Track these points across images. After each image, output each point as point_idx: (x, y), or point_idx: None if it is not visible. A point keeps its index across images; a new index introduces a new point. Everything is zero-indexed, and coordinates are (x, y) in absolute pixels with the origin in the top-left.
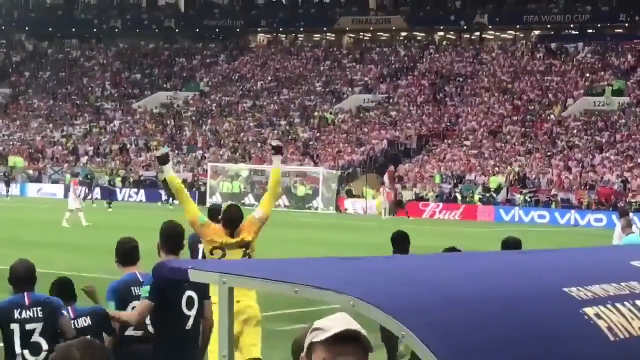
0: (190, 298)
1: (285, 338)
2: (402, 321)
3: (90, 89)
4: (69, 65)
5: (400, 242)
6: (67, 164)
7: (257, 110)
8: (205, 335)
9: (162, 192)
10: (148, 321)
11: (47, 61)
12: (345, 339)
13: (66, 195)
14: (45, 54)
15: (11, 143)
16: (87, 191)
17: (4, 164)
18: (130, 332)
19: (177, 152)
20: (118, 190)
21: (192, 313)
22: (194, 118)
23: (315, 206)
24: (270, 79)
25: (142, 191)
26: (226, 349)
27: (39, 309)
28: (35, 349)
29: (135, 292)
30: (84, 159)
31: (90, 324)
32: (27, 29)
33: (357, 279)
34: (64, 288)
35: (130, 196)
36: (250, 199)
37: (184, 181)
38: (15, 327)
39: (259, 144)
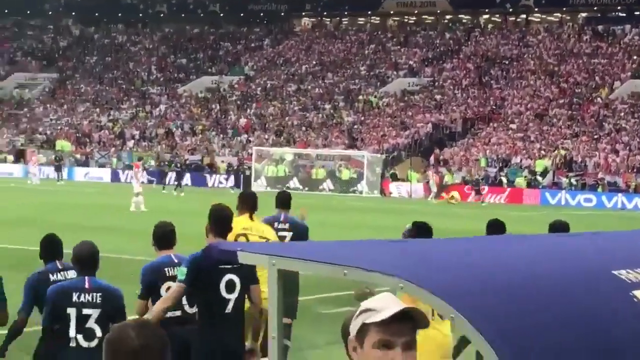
0: (230, 281)
1: (331, 321)
2: (451, 303)
3: (136, 73)
4: (115, 50)
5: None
6: (114, 148)
7: (301, 93)
8: (254, 321)
9: (207, 176)
10: (184, 301)
11: (93, 46)
12: (400, 318)
13: (114, 179)
14: (92, 38)
15: (58, 127)
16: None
17: (52, 148)
18: (168, 313)
19: (221, 136)
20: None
21: (232, 296)
22: (238, 102)
23: (359, 190)
24: (314, 62)
25: (188, 175)
26: (276, 331)
27: (99, 294)
28: (89, 335)
29: (169, 273)
30: (130, 143)
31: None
32: (73, 14)
33: (405, 261)
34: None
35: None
36: (294, 182)
37: (230, 165)
38: (71, 310)
39: (304, 128)
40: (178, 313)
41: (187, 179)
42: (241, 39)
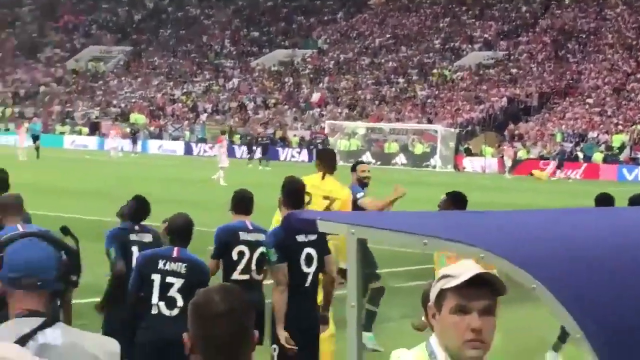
0: (309, 255)
1: (404, 295)
2: (532, 273)
3: (209, 46)
4: (188, 23)
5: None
6: (187, 121)
7: (374, 67)
8: (327, 290)
9: (279, 150)
10: (253, 267)
11: (167, 19)
12: (478, 283)
13: (187, 152)
14: (166, 11)
15: (133, 100)
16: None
17: (126, 121)
18: (236, 275)
19: (294, 109)
20: (236, 148)
21: (311, 270)
22: (311, 75)
23: (432, 164)
24: (388, 36)
25: (259, 149)
26: (354, 300)
27: (184, 265)
28: (171, 303)
29: (241, 237)
30: (203, 117)
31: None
32: None
33: (486, 232)
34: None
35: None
36: (367, 156)
37: (302, 139)
38: (156, 276)
39: (377, 102)
40: (246, 277)
41: (258, 152)
42: (314, 12)
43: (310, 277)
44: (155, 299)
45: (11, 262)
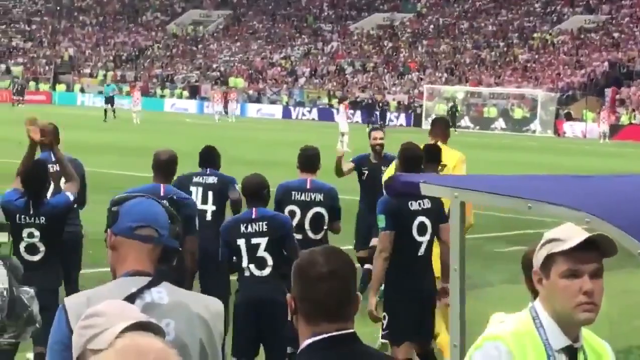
0: (422, 224)
1: (504, 260)
2: (638, 238)
3: (308, 10)
4: None
5: None
6: (285, 85)
7: (474, 31)
8: (444, 260)
9: (377, 114)
10: (307, 226)
11: None
12: (587, 247)
13: (285, 116)
14: None
15: (232, 64)
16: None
17: (225, 85)
18: None
19: (392, 73)
20: (335, 112)
21: (425, 239)
22: (410, 39)
23: (532, 129)
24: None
25: (358, 112)
26: (457, 263)
27: (265, 223)
28: (261, 264)
29: (294, 197)
30: (302, 80)
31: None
32: None
33: (591, 196)
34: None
35: (347, 117)
36: (466, 121)
37: (401, 103)
38: (241, 241)
39: (476, 66)
40: (299, 236)
41: (357, 116)
42: None
43: (423, 246)
44: (245, 262)
45: (130, 213)
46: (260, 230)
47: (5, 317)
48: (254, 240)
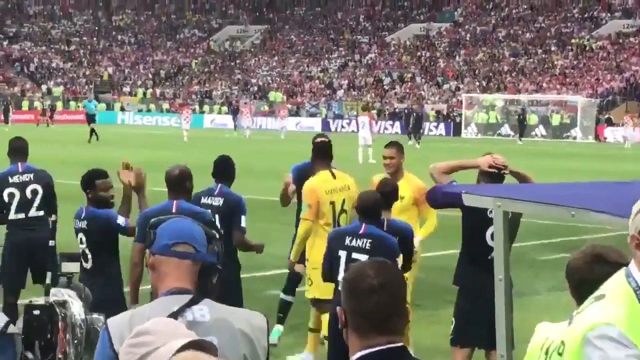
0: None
1: (549, 267)
2: None
3: (344, 22)
4: (323, 0)
5: None
6: (324, 97)
7: (511, 38)
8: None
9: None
10: None
11: None
12: None
13: (324, 128)
14: None
15: (270, 78)
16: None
17: (264, 99)
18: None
19: (430, 83)
20: (373, 122)
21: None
22: (447, 49)
23: (573, 135)
24: (525, 6)
25: (397, 123)
26: (502, 273)
27: (369, 241)
28: None
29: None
30: (340, 93)
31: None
32: None
33: (633, 202)
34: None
35: (385, 128)
36: (506, 129)
37: (439, 112)
38: (342, 253)
39: (514, 73)
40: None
41: (396, 127)
42: None
43: (493, 252)
44: (341, 274)
45: (167, 232)
46: (364, 247)
47: (82, 349)
48: (355, 255)
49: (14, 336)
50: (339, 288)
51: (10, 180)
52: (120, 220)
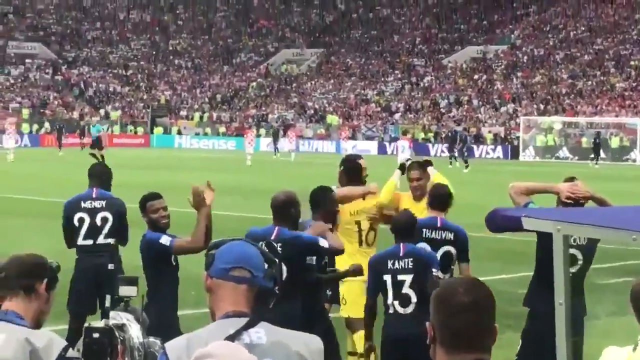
0: (572, 256)
1: (610, 291)
2: None
3: (400, 45)
4: (379, 23)
5: None
6: (380, 120)
7: (569, 60)
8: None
9: (474, 147)
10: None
11: (357, 20)
12: None
13: (380, 152)
14: (356, 12)
15: (326, 101)
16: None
17: (320, 122)
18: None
19: (487, 106)
20: (430, 145)
21: (572, 270)
22: (504, 71)
23: (632, 158)
24: (583, 28)
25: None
26: (562, 297)
27: (410, 260)
28: (405, 301)
29: (425, 234)
30: (396, 116)
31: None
32: None
33: None
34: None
35: (442, 151)
36: (564, 152)
37: (497, 135)
38: (387, 277)
39: (572, 95)
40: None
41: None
42: (506, 7)
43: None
44: (390, 298)
45: (223, 256)
46: (407, 267)
47: None
48: (400, 277)
49: None
50: (389, 312)
51: (82, 205)
52: (164, 239)
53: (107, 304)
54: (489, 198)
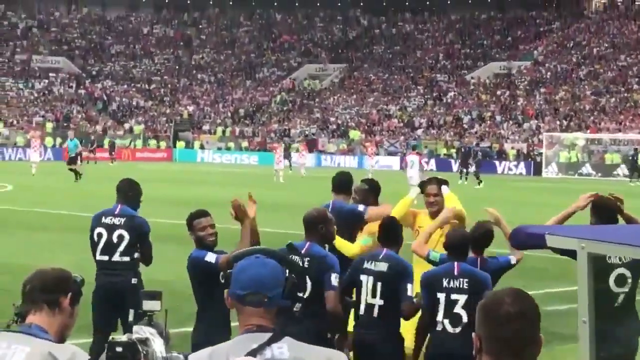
0: (621, 276)
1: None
2: None
3: (423, 61)
4: (402, 39)
5: None
6: (403, 136)
7: (593, 77)
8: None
9: (496, 163)
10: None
11: (380, 35)
12: None
13: (403, 167)
14: (379, 28)
15: (348, 116)
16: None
17: (342, 137)
18: None
19: (510, 122)
20: (452, 161)
21: (623, 290)
22: (527, 87)
23: None
24: (606, 45)
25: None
26: (586, 315)
27: (466, 280)
28: (455, 320)
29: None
30: (419, 131)
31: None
32: (361, 4)
33: None
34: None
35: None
36: (587, 168)
37: (519, 151)
38: (441, 295)
39: (596, 112)
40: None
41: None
42: (530, 24)
43: (621, 297)
44: (440, 316)
45: (238, 279)
46: (462, 287)
47: None
48: (454, 297)
49: None
50: (437, 328)
51: (103, 220)
52: (210, 257)
53: (131, 318)
54: (511, 215)
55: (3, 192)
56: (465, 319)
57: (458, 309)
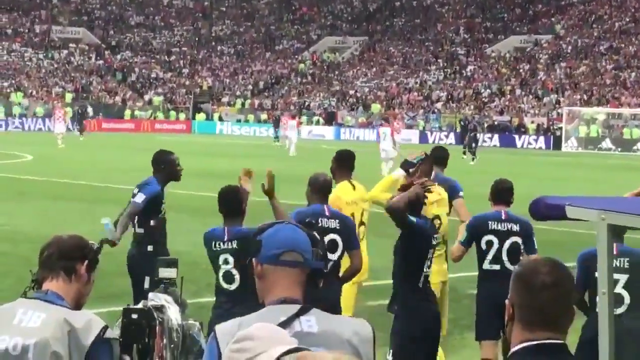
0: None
1: None
2: None
3: (444, 34)
4: (422, 12)
5: None
6: (422, 109)
7: (613, 52)
8: None
9: (516, 137)
10: (504, 257)
11: (401, 8)
12: None
13: (422, 140)
14: (400, 1)
15: (367, 89)
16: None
17: (364, 110)
18: (486, 265)
19: (530, 96)
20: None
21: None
22: (548, 61)
23: None
24: (627, 19)
25: (496, 136)
26: (605, 287)
27: (627, 259)
28: (618, 302)
29: (490, 227)
30: (438, 105)
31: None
32: None
33: None
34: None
35: (484, 141)
36: (607, 143)
37: (539, 126)
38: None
39: (616, 87)
40: (497, 267)
41: (495, 140)
42: None
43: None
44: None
45: (272, 239)
46: (622, 266)
47: (179, 353)
48: (615, 276)
49: (112, 341)
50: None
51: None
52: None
53: (146, 285)
54: (532, 189)
55: (23, 162)
56: (627, 299)
57: (619, 289)
